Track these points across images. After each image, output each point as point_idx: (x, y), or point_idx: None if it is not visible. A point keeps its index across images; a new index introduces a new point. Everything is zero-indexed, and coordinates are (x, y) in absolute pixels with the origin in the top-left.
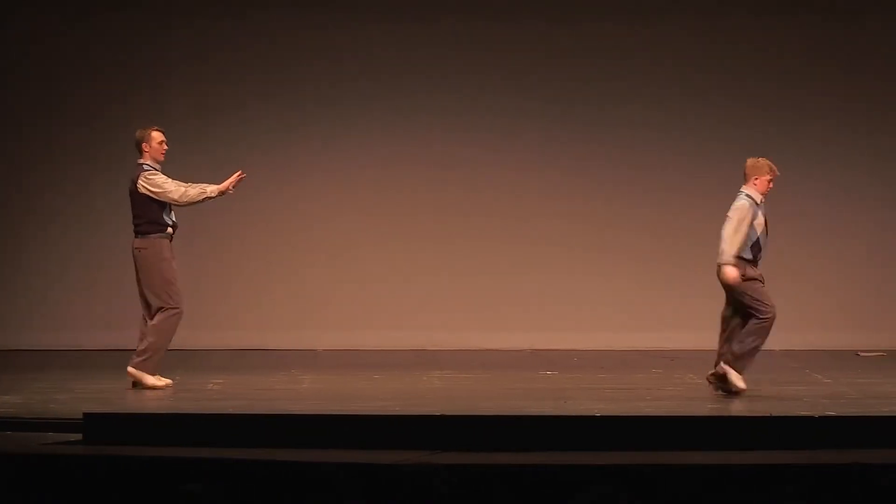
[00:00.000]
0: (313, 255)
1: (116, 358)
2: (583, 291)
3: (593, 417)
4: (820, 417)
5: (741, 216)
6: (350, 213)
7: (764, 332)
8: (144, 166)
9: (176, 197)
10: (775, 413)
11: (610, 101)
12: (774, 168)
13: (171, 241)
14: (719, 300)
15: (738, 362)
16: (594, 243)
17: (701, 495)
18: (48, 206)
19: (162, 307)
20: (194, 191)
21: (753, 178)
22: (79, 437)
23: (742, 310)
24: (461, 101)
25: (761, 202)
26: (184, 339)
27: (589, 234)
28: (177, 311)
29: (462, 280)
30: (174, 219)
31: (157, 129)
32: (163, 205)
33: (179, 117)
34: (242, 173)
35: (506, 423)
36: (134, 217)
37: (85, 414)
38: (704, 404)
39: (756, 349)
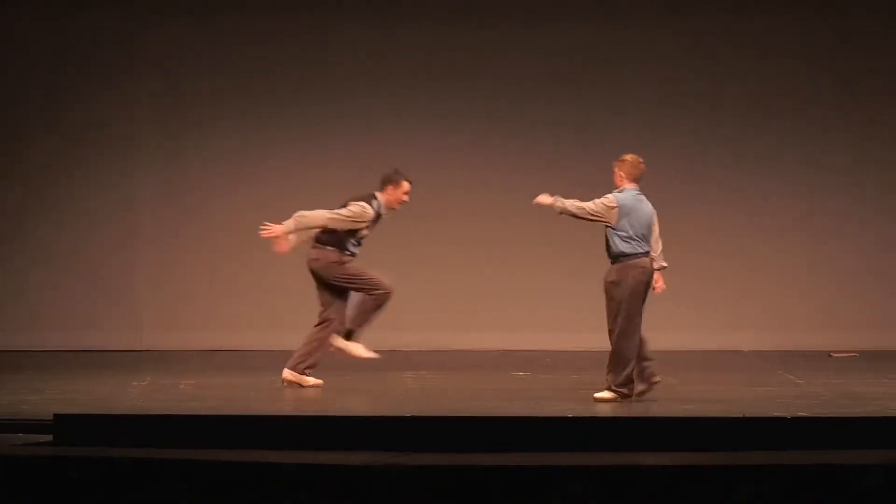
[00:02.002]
0: (286, 256)
1: (87, 359)
2: (556, 291)
3: (566, 418)
4: (793, 418)
5: None
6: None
7: None
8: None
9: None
10: (748, 414)
11: (586, 103)
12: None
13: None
14: (696, 301)
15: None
16: (567, 243)
17: (673, 496)
18: (17, 206)
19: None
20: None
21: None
22: (49, 438)
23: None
24: (433, 102)
25: None
26: (156, 340)
27: (562, 233)
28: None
29: (434, 280)
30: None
31: (408, 181)
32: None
33: (148, 118)
34: None
35: (478, 425)
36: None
37: (55, 415)
38: (678, 405)
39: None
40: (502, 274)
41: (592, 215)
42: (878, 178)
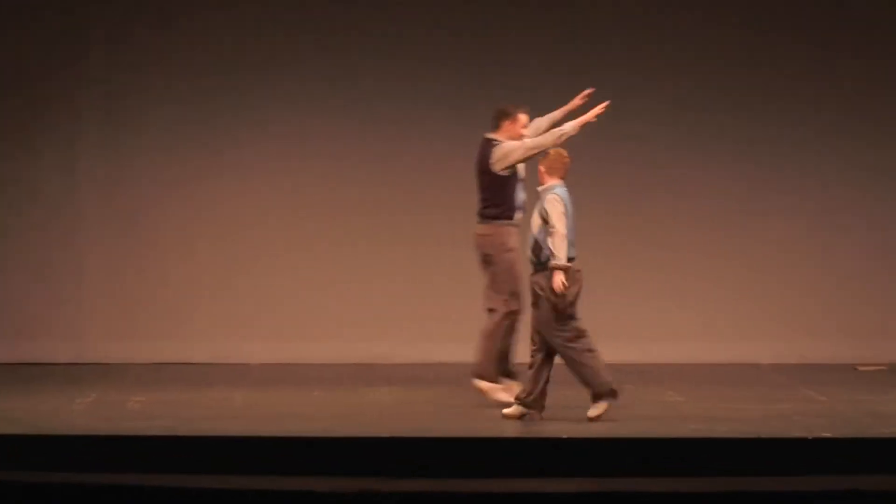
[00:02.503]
0: (246, 259)
1: (24, 372)
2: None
3: (560, 440)
4: (814, 439)
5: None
6: (285, 214)
7: None
8: (494, 141)
9: (530, 146)
10: (763, 434)
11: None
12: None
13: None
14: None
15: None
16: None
17: None
18: None
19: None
20: (549, 137)
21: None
22: None
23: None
24: (399, 102)
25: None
26: (101, 351)
27: None
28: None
29: (410, 286)
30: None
31: (525, 113)
32: (514, 186)
33: (92, 106)
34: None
35: (462, 446)
36: (481, 200)
37: None
38: (684, 425)
39: None
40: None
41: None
42: None
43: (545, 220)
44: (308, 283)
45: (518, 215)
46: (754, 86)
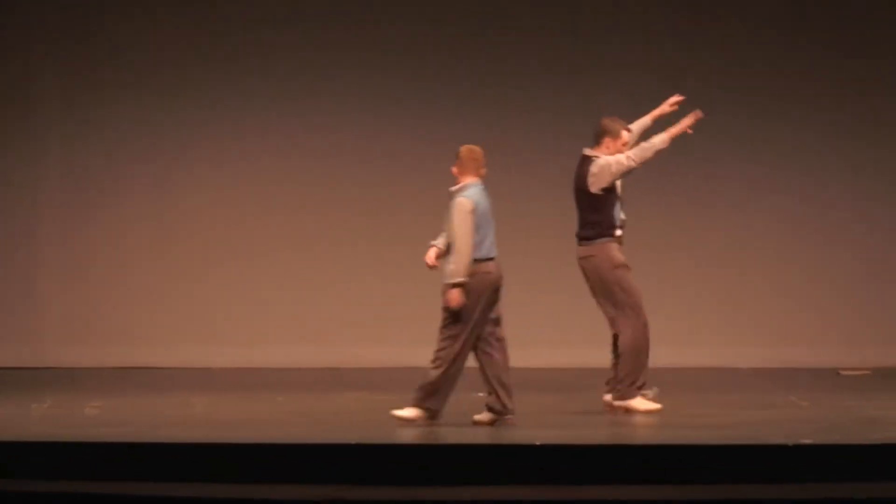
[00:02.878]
0: (207, 261)
1: None
2: (514, 302)
3: (534, 447)
4: (795, 446)
5: None
6: (245, 218)
7: None
8: (592, 158)
9: (627, 164)
10: (744, 441)
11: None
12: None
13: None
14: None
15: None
16: (528, 250)
17: None
18: None
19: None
20: (640, 153)
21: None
22: None
23: None
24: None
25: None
26: (58, 355)
27: (520, 241)
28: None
29: (377, 289)
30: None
31: (627, 129)
32: (612, 204)
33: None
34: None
35: (430, 454)
36: (580, 220)
37: None
38: (664, 431)
39: None
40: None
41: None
42: (889, 183)
43: None
44: (271, 286)
45: (618, 232)
46: (746, 91)
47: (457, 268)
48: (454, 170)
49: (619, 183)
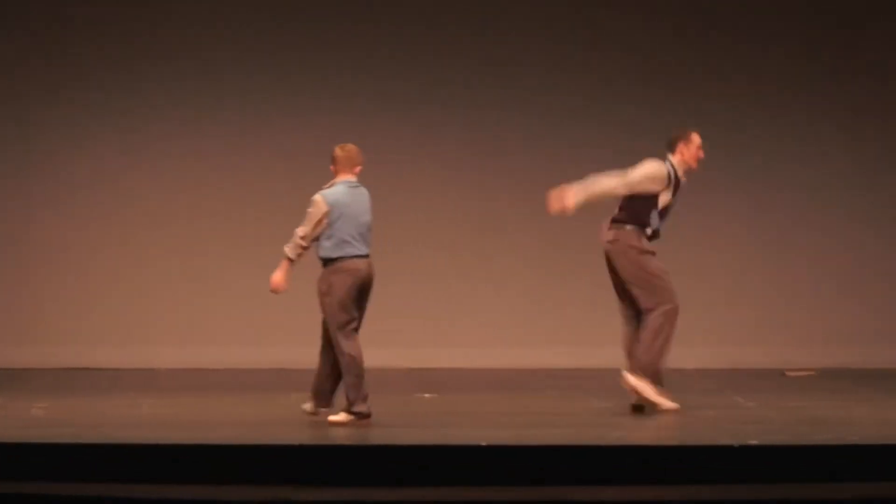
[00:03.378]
0: (151, 262)
1: None
2: (466, 303)
3: (479, 447)
4: (741, 447)
5: None
6: (188, 217)
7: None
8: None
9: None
10: (689, 442)
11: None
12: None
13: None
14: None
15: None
16: (481, 250)
17: None
18: None
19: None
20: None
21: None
22: None
23: None
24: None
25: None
26: (4, 356)
27: (476, 241)
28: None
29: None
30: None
31: (697, 133)
32: (651, 206)
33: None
34: None
35: (377, 454)
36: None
37: None
38: (608, 432)
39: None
40: (404, 283)
41: None
42: (832, 182)
43: None
44: (215, 286)
45: (648, 231)
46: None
47: (288, 249)
48: (331, 168)
49: (666, 198)
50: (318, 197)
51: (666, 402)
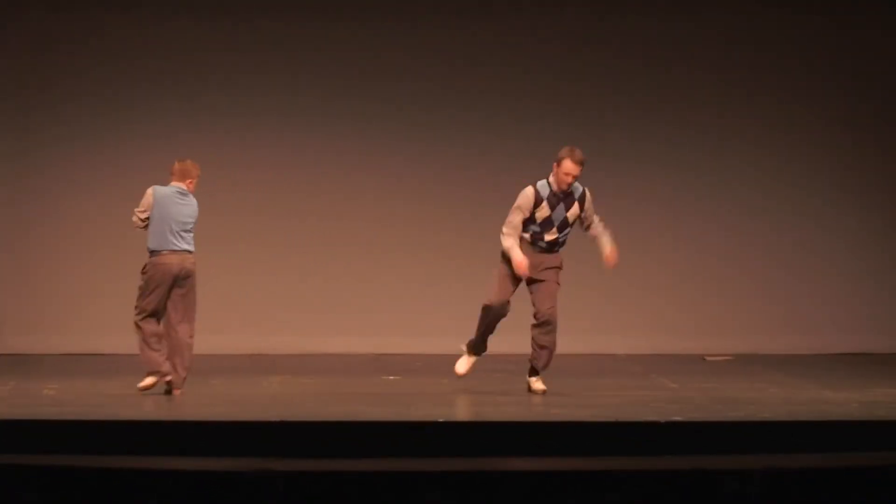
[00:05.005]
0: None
1: None
2: (427, 295)
3: (433, 423)
4: (666, 423)
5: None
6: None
7: None
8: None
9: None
10: (620, 418)
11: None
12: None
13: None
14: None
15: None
16: (439, 246)
17: (542, 502)
18: None
19: None
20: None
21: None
22: None
23: None
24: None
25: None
26: (18, 343)
27: (434, 237)
28: None
29: (302, 281)
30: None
31: (570, 160)
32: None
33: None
34: None
35: (346, 429)
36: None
37: None
38: (547, 409)
39: None
40: (372, 277)
41: None
42: (747, 180)
43: None
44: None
45: (527, 236)
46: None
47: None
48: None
49: (543, 213)
50: (149, 190)
51: (461, 368)
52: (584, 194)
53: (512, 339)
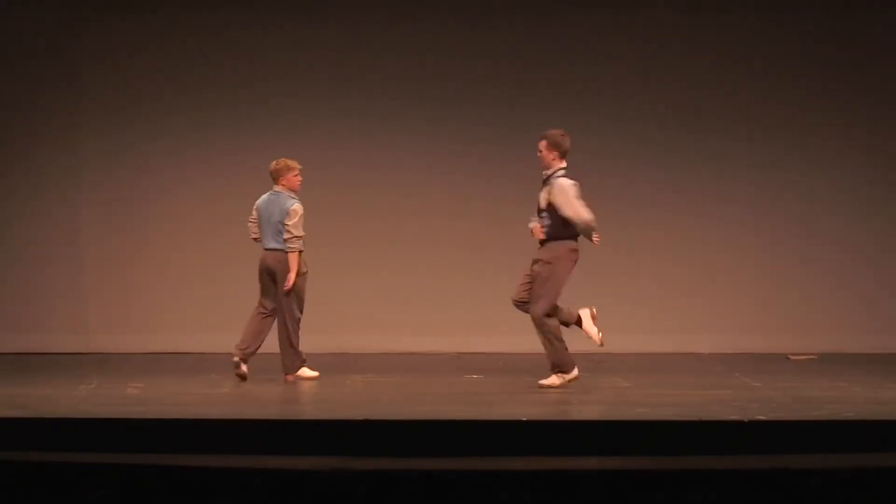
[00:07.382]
0: (233, 256)
1: (29, 362)
2: (507, 294)
3: (517, 422)
4: (749, 422)
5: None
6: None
7: None
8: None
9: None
10: (703, 417)
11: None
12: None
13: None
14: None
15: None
16: (520, 245)
17: (624, 502)
18: None
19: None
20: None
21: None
22: None
23: None
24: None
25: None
26: (102, 342)
27: (514, 237)
28: None
29: (385, 281)
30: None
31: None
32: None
33: (92, 112)
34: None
35: (430, 428)
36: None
37: None
38: (631, 409)
39: None
40: (455, 276)
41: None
42: (831, 179)
43: None
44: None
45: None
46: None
47: None
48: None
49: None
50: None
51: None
52: (550, 181)
53: (583, 338)
